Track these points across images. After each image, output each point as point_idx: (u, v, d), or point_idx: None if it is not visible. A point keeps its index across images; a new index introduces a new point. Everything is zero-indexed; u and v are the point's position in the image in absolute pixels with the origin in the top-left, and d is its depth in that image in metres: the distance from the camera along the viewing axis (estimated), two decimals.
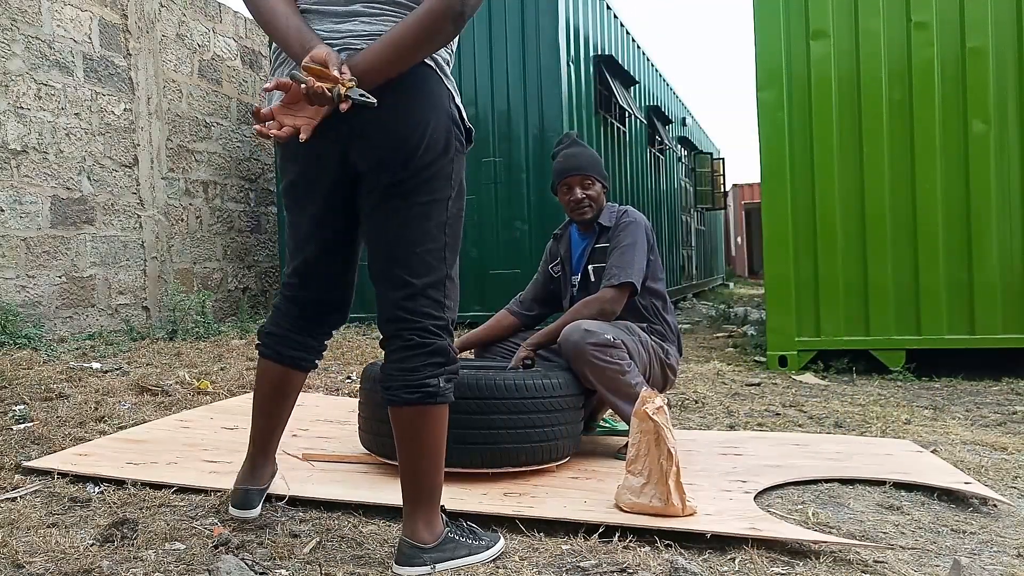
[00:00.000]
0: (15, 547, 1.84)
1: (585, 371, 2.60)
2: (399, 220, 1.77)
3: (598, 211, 2.94)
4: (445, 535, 1.83)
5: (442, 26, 1.66)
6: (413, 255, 1.77)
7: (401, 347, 1.79)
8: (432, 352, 1.78)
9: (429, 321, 1.78)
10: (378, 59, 1.67)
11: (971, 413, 3.80)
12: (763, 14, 5.22)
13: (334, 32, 1.75)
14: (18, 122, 5.58)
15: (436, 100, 1.76)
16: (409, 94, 1.73)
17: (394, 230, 1.78)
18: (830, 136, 5.11)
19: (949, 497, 2.41)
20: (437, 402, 1.78)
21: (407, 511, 1.81)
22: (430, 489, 1.81)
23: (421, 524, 1.79)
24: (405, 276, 1.78)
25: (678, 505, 2.04)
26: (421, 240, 1.77)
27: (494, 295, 6.68)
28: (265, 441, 2.10)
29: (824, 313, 5.11)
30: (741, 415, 3.74)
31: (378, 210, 1.79)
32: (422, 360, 1.77)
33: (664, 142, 11.58)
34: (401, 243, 1.78)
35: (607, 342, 2.58)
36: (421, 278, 1.78)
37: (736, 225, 24.32)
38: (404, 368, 1.77)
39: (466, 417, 2.37)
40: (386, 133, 1.73)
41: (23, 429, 2.96)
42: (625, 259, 2.78)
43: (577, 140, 3.06)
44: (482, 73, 7.22)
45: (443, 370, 1.79)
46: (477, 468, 2.41)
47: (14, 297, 5.48)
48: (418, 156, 1.73)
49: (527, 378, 2.47)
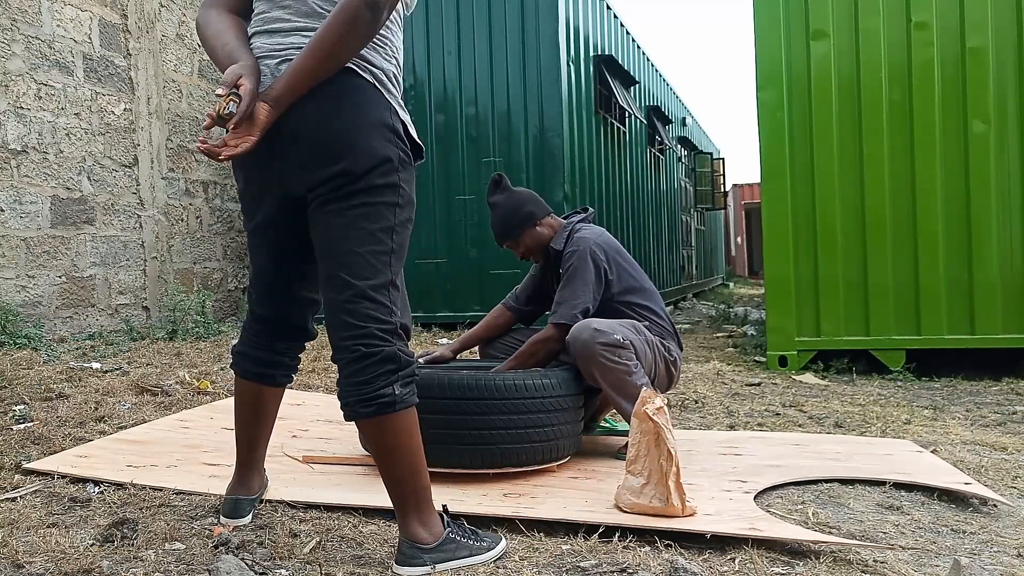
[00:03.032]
0: (15, 547, 1.84)
1: (592, 370, 2.59)
2: (339, 223, 1.75)
3: (544, 247, 2.94)
4: (446, 536, 1.82)
5: (357, 15, 1.64)
6: (354, 257, 1.74)
7: (351, 360, 1.74)
8: (383, 360, 1.73)
9: (375, 326, 1.73)
10: (299, 66, 1.67)
11: (971, 413, 3.80)
12: (763, 14, 5.22)
13: (278, 45, 1.77)
14: (18, 122, 5.58)
15: (365, 109, 1.74)
16: (333, 103, 1.72)
17: (334, 232, 1.75)
18: (830, 136, 5.11)
19: (949, 497, 2.41)
20: (396, 410, 1.74)
21: (399, 515, 1.82)
22: (415, 492, 1.80)
23: (417, 525, 1.79)
24: (345, 277, 1.74)
25: (678, 505, 2.04)
26: (362, 242, 1.74)
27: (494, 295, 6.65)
28: (249, 454, 2.12)
29: (824, 313, 5.11)
30: (741, 415, 3.74)
31: (318, 215, 1.78)
32: (373, 371, 1.72)
33: (664, 142, 11.58)
34: (341, 245, 1.75)
35: (616, 343, 2.58)
36: (363, 280, 1.74)
37: (736, 225, 24.32)
38: (357, 381, 1.73)
39: (466, 418, 2.37)
40: (308, 141, 1.73)
41: (23, 429, 2.96)
42: (564, 294, 2.76)
43: (491, 200, 3.00)
44: (482, 73, 7.22)
45: (396, 376, 1.74)
46: (477, 468, 2.41)
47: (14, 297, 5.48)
48: (345, 162, 1.71)
49: (527, 378, 2.47)
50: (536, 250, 2.96)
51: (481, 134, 7.23)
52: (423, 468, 1.82)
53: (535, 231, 2.93)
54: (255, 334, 2.05)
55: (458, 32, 7.24)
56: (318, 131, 1.72)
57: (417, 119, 7.36)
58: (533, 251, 2.96)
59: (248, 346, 2.05)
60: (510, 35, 7.11)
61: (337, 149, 1.72)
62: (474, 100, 7.23)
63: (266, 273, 1.98)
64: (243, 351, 2.06)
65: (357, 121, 1.73)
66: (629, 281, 2.86)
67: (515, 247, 2.97)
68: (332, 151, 1.72)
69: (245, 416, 2.09)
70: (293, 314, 2.03)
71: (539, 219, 2.94)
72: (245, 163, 1.82)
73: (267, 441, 2.16)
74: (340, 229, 1.74)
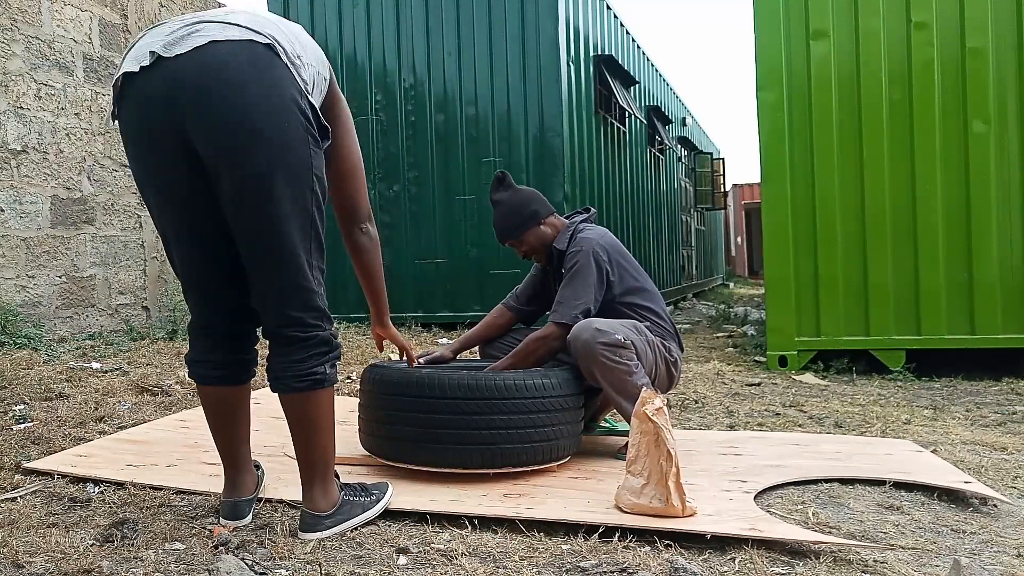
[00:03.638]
0: (15, 547, 1.84)
1: (593, 369, 2.59)
2: (256, 205, 1.80)
3: (546, 246, 2.94)
4: (341, 499, 2.02)
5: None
6: (280, 242, 1.83)
7: (285, 342, 1.90)
8: (316, 343, 1.91)
9: (307, 314, 1.89)
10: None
11: (971, 413, 3.80)
12: (763, 14, 5.22)
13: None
14: (18, 122, 5.58)
15: (278, 83, 1.79)
16: (246, 72, 1.77)
17: (252, 214, 1.81)
18: (830, 136, 5.11)
19: (949, 497, 2.41)
20: (325, 387, 1.92)
21: (305, 485, 1.98)
22: (324, 462, 1.98)
23: (318, 493, 1.97)
24: (274, 265, 1.85)
25: (678, 506, 2.04)
26: (282, 226, 1.82)
27: (494, 295, 6.65)
28: (232, 456, 2.12)
29: (824, 313, 5.11)
30: (741, 415, 3.74)
31: (231, 196, 1.81)
32: (307, 351, 1.89)
33: (664, 142, 11.57)
34: (263, 231, 1.82)
35: (617, 342, 2.57)
36: (291, 267, 1.85)
37: (736, 225, 24.31)
38: (291, 360, 1.89)
39: (466, 418, 2.36)
40: (223, 104, 1.75)
41: (23, 429, 2.96)
42: (566, 294, 2.76)
43: (494, 198, 2.97)
44: (482, 73, 7.21)
45: (327, 357, 1.93)
46: (477, 468, 2.41)
47: (14, 297, 5.48)
48: (258, 132, 1.76)
49: (527, 378, 2.47)
50: (538, 249, 2.96)
51: (481, 134, 7.22)
52: (334, 441, 2.00)
53: (538, 230, 2.92)
54: (201, 336, 2.07)
55: (458, 32, 7.24)
56: (228, 93, 1.84)
57: (417, 119, 7.37)
58: (535, 250, 2.96)
59: (199, 351, 2.07)
60: (510, 35, 7.11)
61: (246, 111, 1.84)
62: (474, 100, 7.23)
63: (183, 260, 2.01)
64: (198, 358, 2.07)
65: (264, 87, 1.84)
66: (631, 282, 2.85)
67: (517, 246, 2.96)
68: (242, 111, 1.83)
69: (218, 420, 2.10)
70: (230, 305, 2.04)
71: (543, 218, 2.93)
72: (139, 125, 1.90)
73: (248, 438, 2.15)
74: (256, 213, 1.85)
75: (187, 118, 1.77)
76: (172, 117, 1.77)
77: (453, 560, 1.84)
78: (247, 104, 1.76)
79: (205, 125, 1.77)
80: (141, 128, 1.83)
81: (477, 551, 1.90)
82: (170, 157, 1.82)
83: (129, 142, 1.88)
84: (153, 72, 1.77)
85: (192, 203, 1.87)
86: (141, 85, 1.79)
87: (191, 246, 1.94)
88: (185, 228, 1.92)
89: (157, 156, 1.84)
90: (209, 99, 1.75)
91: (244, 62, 1.77)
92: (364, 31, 7.49)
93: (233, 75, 1.76)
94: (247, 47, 1.79)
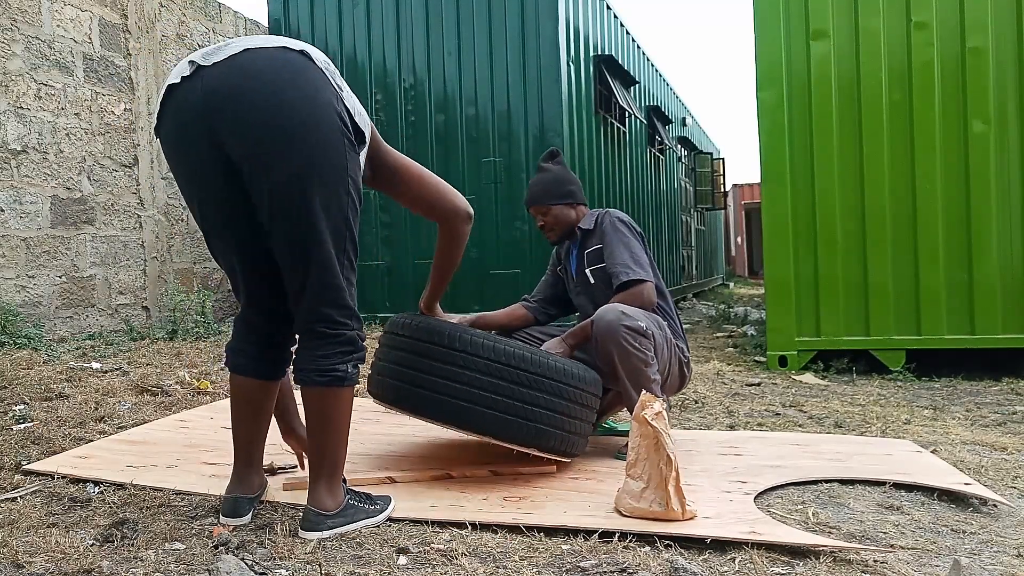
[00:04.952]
0: (15, 547, 1.84)
1: (612, 351, 2.55)
2: (290, 205, 1.84)
3: (564, 229, 2.97)
4: (346, 502, 2.02)
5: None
6: (313, 242, 1.86)
7: (313, 337, 1.93)
8: (343, 342, 1.94)
9: (336, 312, 1.92)
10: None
11: (971, 413, 3.80)
12: (763, 14, 5.22)
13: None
14: (18, 122, 5.58)
15: (313, 86, 1.84)
16: (281, 76, 1.82)
17: (286, 214, 1.85)
18: (830, 136, 5.11)
19: (949, 497, 2.41)
20: (344, 385, 1.95)
21: (312, 481, 1.98)
22: (334, 461, 1.99)
23: (324, 492, 1.98)
24: (307, 264, 1.88)
25: (678, 510, 2.04)
26: (315, 226, 1.86)
27: (494, 295, 6.68)
28: (247, 452, 2.13)
29: (824, 313, 5.11)
30: (741, 415, 3.74)
31: (265, 196, 1.85)
32: (332, 348, 1.93)
33: (664, 142, 11.57)
34: (298, 232, 1.86)
35: (641, 330, 2.57)
36: (322, 266, 1.89)
37: (736, 225, 24.31)
38: (316, 355, 1.93)
39: (513, 387, 2.31)
40: (256, 105, 1.80)
41: (23, 429, 2.97)
42: (625, 257, 2.78)
43: (543, 164, 3.04)
44: (482, 73, 7.22)
45: (352, 357, 1.96)
46: (506, 442, 2.35)
47: (14, 297, 5.48)
48: (293, 133, 1.80)
49: (575, 367, 2.45)
50: (558, 227, 2.97)
51: (481, 134, 7.23)
52: (347, 441, 2.02)
53: (567, 209, 2.97)
54: (244, 329, 2.11)
55: (458, 32, 7.24)
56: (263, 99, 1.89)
57: (417, 119, 7.37)
58: (554, 227, 2.97)
59: (241, 342, 2.11)
60: (510, 35, 7.11)
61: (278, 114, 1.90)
62: (474, 100, 7.23)
63: (235, 264, 2.05)
64: (238, 347, 2.11)
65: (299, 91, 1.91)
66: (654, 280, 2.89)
67: (542, 215, 2.97)
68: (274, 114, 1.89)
69: (242, 413, 2.12)
70: (272, 306, 2.07)
71: (576, 201, 2.99)
72: (178, 138, 1.96)
73: (265, 437, 2.17)
74: (293, 216, 1.89)
75: (221, 121, 1.81)
76: (206, 122, 1.82)
77: (453, 560, 1.84)
78: (281, 103, 1.80)
79: (238, 126, 1.81)
80: (179, 136, 1.89)
81: (477, 551, 1.90)
82: (207, 162, 1.87)
83: (168, 150, 1.93)
84: (192, 81, 1.84)
85: (230, 206, 1.92)
86: (180, 95, 1.86)
87: (231, 250, 2.00)
88: (226, 231, 1.97)
89: (193, 162, 1.89)
90: (241, 100, 1.79)
91: (278, 65, 1.83)
92: (364, 31, 7.50)
93: (266, 77, 1.80)
94: (280, 52, 1.86)
